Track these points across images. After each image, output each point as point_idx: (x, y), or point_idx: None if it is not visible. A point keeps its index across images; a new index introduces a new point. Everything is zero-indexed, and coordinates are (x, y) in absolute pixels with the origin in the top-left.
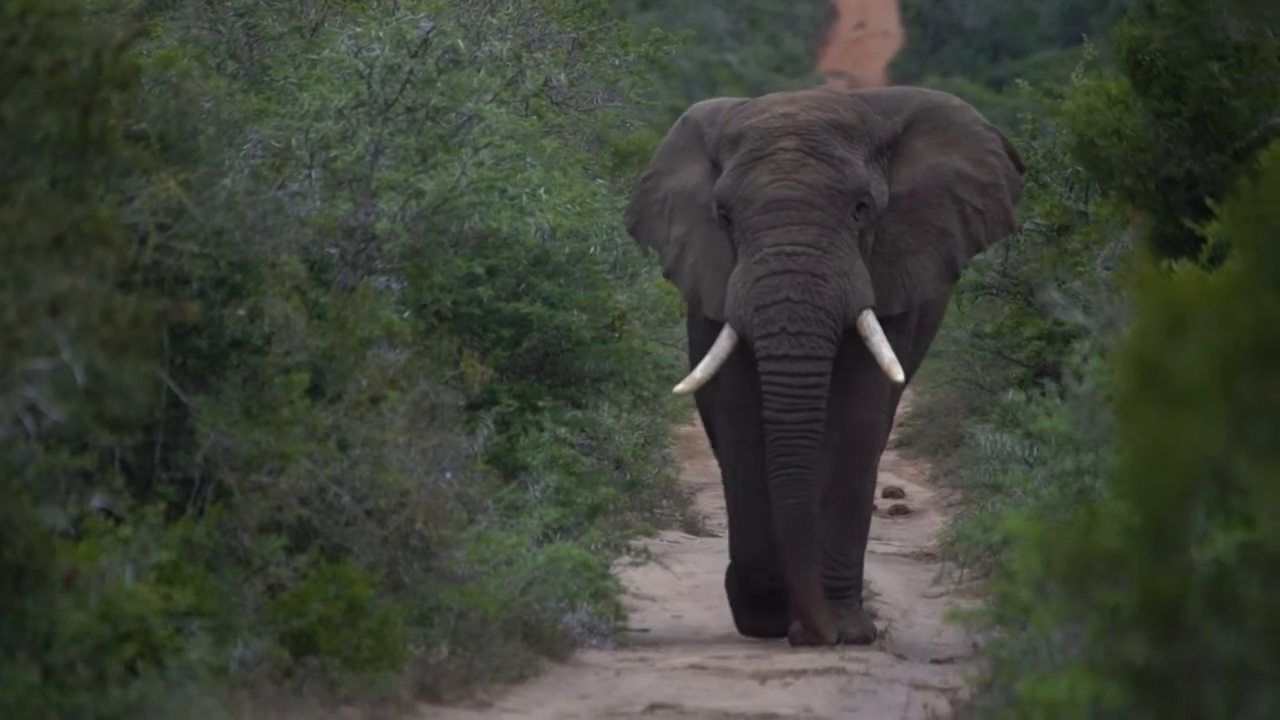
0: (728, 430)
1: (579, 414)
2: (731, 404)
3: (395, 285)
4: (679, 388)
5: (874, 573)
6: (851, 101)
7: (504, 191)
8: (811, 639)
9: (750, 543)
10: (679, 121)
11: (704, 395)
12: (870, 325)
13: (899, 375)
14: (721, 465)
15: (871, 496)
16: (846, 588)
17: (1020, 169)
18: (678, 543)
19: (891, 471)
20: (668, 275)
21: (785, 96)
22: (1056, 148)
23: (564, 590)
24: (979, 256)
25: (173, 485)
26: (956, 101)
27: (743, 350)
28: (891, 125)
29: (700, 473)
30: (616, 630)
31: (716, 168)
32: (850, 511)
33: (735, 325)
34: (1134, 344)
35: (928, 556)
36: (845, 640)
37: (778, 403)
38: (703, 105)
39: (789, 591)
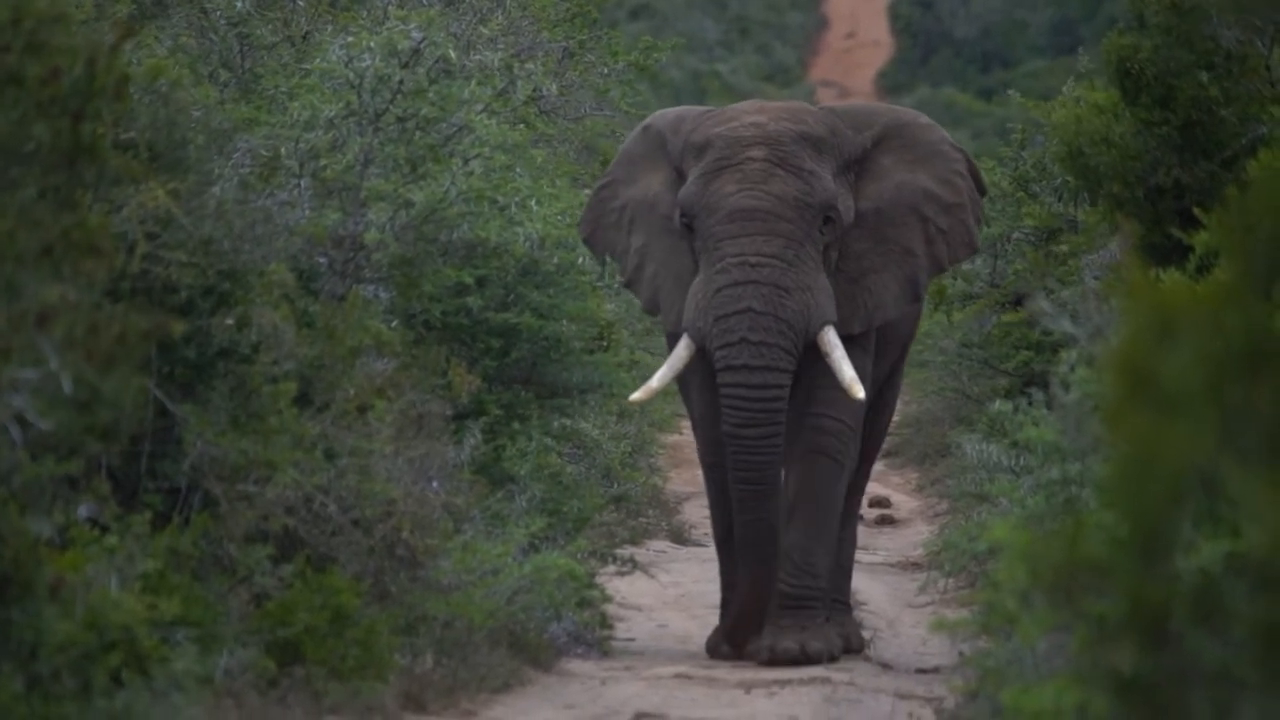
0: (703, 446)
1: (566, 423)
2: (704, 418)
3: (384, 294)
4: (634, 396)
5: (860, 582)
6: (822, 114)
7: (493, 201)
8: (735, 651)
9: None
10: (639, 129)
11: (686, 405)
12: (831, 341)
13: (860, 393)
14: (702, 469)
15: (840, 505)
16: (812, 598)
17: (982, 191)
18: (664, 552)
19: (878, 481)
20: (626, 286)
21: (755, 105)
22: (1046, 157)
23: (550, 600)
24: (966, 266)
25: (159, 494)
26: (924, 120)
27: (705, 361)
28: (861, 140)
29: (687, 482)
30: (602, 639)
31: (680, 176)
32: (819, 520)
33: (694, 335)
34: (1122, 350)
35: (914, 566)
36: (807, 655)
37: (736, 416)
38: (665, 113)
39: (738, 599)
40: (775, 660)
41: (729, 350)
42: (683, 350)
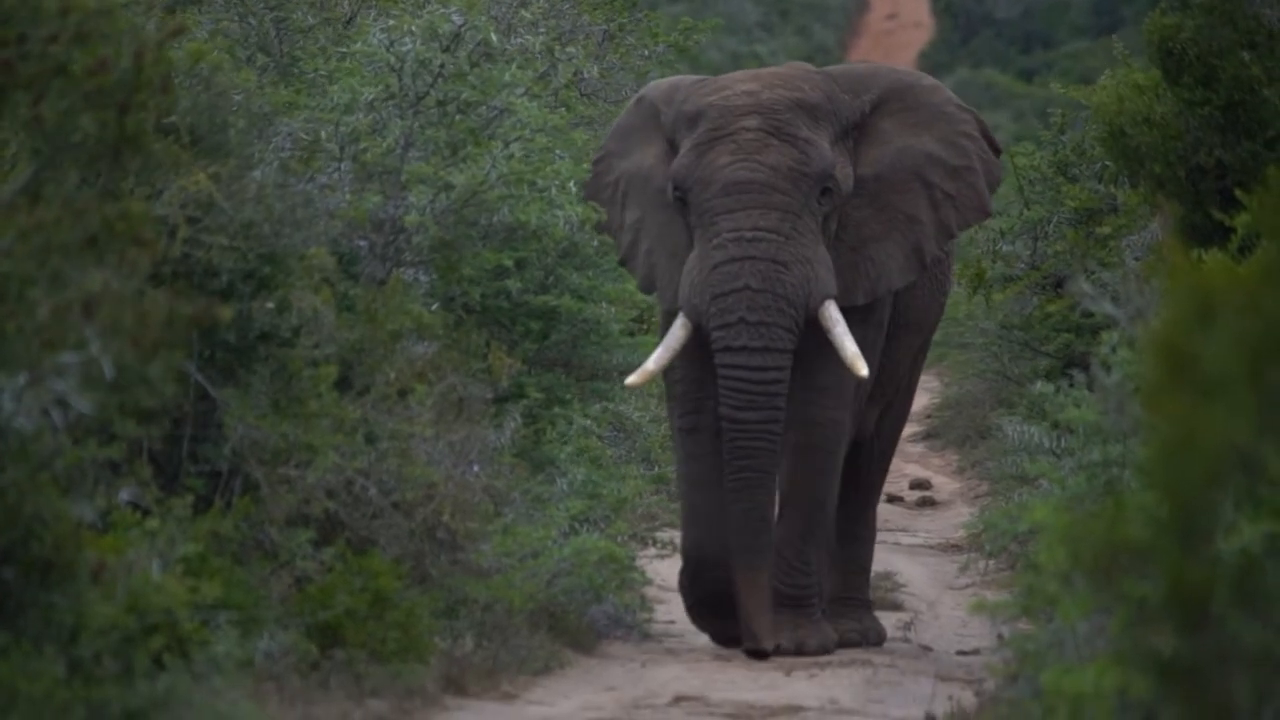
0: (681, 422)
1: (606, 406)
2: (686, 396)
3: (424, 278)
4: (630, 380)
5: (901, 564)
6: (818, 79)
7: (533, 184)
8: (751, 646)
9: (701, 540)
10: (633, 101)
11: (668, 384)
12: (832, 316)
13: (863, 370)
14: (675, 458)
15: (834, 497)
16: (807, 596)
17: (997, 152)
18: None
19: (918, 463)
20: (622, 263)
21: (749, 74)
22: (1086, 140)
23: (590, 582)
24: (1006, 248)
25: (200, 478)
26: (928, 81)
27: (698, 339)
28: (859, 104)
29: None
30: (642, 622)
31: (674, 148)
32: (811, 515)
33: (690, 314)
34: (1162, 332)
35: (954, 548)
36: (803, 653)
37: (735, 399)
38: (659, 84)
39: (737, 595)
40: (768, 654)
41: (727, 331)
42: (679, 330)
